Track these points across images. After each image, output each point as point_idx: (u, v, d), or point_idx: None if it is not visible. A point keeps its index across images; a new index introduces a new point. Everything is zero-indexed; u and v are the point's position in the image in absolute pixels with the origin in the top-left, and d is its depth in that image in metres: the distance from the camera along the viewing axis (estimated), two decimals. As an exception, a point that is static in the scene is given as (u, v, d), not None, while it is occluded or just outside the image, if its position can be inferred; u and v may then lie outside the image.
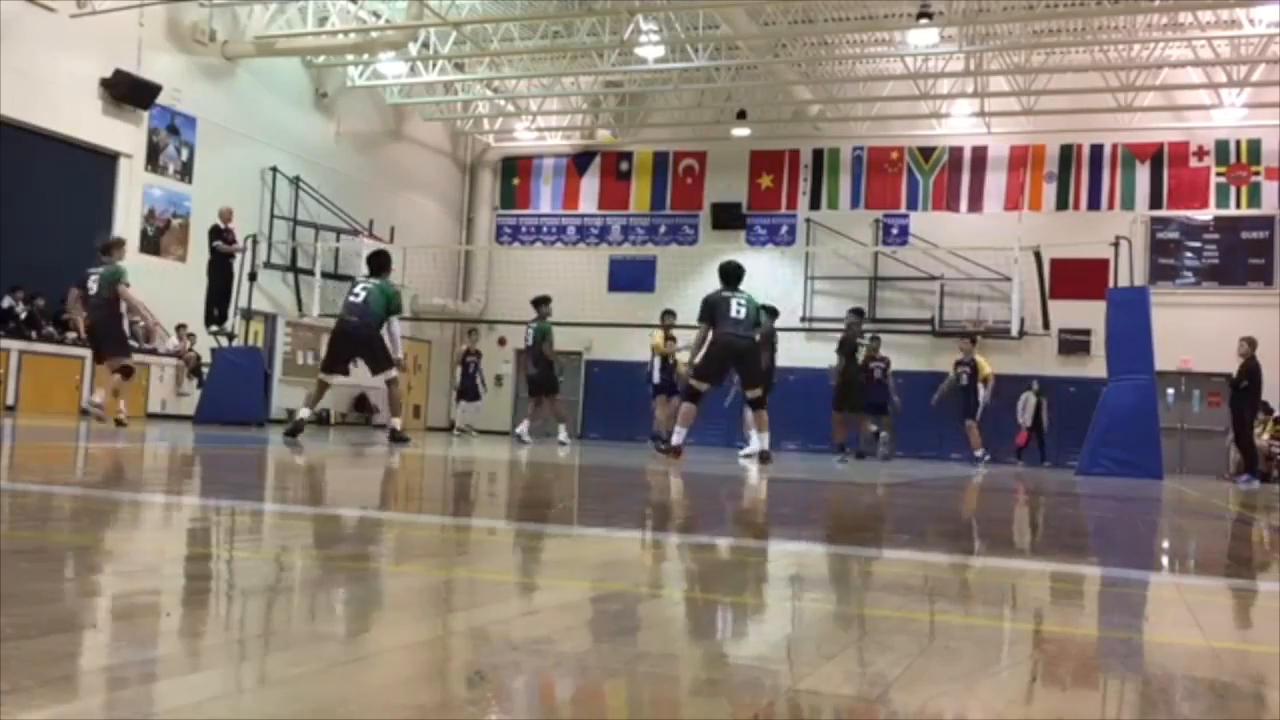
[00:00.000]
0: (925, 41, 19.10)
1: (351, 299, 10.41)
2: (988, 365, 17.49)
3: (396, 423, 10.59)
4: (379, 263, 10.91)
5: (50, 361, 15.34)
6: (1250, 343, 14.45)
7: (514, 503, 4.75)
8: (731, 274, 10.37)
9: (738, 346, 10.00)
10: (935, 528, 4.60)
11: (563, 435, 15.47)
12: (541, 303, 15.34)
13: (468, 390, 19.53)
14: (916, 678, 1.38)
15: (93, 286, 11.05)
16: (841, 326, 16.42)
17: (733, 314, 10.00)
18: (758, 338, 10.50)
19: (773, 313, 15.00)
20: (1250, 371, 14.38)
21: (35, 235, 15.94)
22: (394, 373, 10.42)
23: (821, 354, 22.05)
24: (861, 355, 15.84)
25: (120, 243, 12.08)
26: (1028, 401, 20.82)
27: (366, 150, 23.14)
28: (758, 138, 23.91)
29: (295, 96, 21.20)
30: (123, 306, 11.19)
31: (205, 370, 16.20)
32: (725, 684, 1.30)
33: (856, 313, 16.50)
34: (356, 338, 10.30)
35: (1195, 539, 4.72)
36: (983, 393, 17.00)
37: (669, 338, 15.73)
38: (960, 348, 17.53)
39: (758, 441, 10.91)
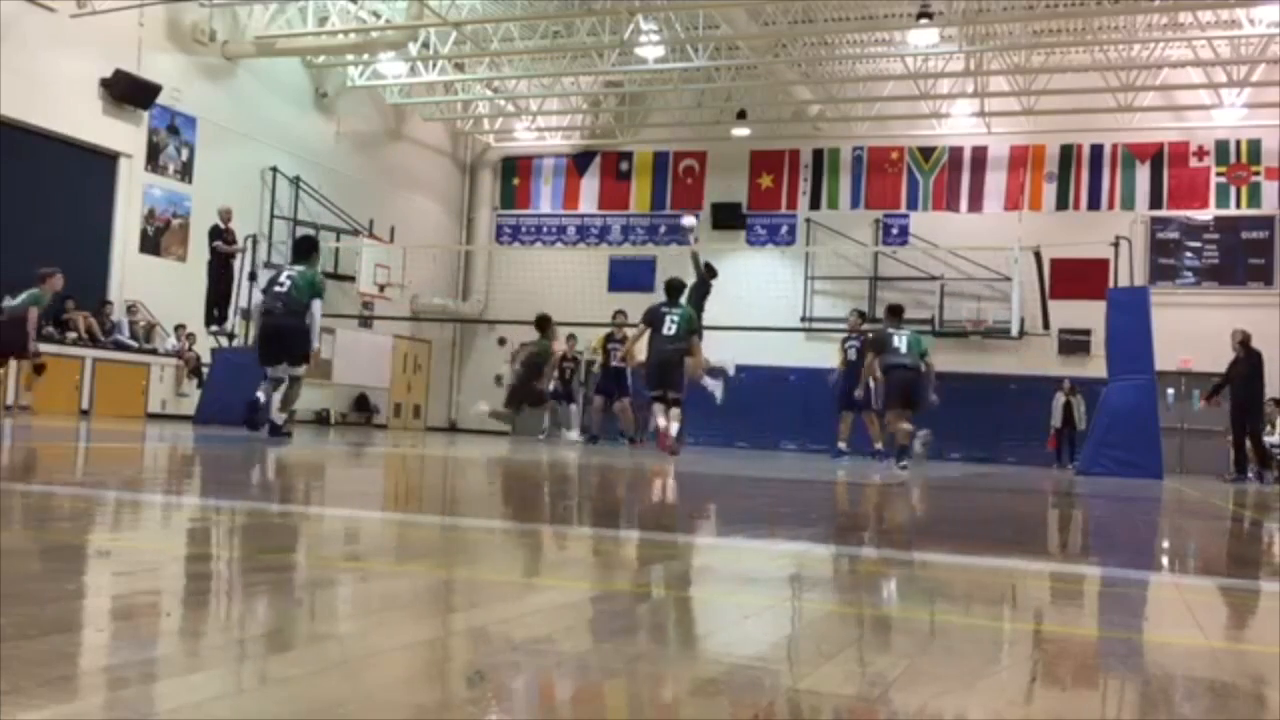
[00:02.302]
0: (925, 41, 19.09)
1: (276, 288, 9.86)
2: None
3: (281, 417, 9.89)
4: (304, 249, 10.55)
5: (50, 362, 15.31)
6: (1242, 335, 14.31)
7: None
8: (672, 289, 11.91)
9: (664, 358, 11.44)
10: (937, 528, 4.61)
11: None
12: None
13: (565, 393, 17.92)
14: (916, 678, 1.38)
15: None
16: (842, 327, 16.32)
17: (665, 330, 11.49)
18: (684, 346, 11.65)
19: (711, 271, 15.35)
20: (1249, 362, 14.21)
21: (35, 235, 15.93)
22: (303, 370, 10.02)
23: (821, 354, 22.12)
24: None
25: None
26: (1057, 402, 20.48)
27: (366, 150, 23.14)
28: (758, 138, 23.91)
29: (295, 96, 21.20)
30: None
31: (205, 370, 16.19)
32: (725, 684, 1.30)
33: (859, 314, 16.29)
34: (282, 329, 9.81)
35: (1195, 539, 4.72)
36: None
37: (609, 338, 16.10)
38: (849, 324, 16.23)
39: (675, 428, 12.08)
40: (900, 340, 11.61)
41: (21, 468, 5.02)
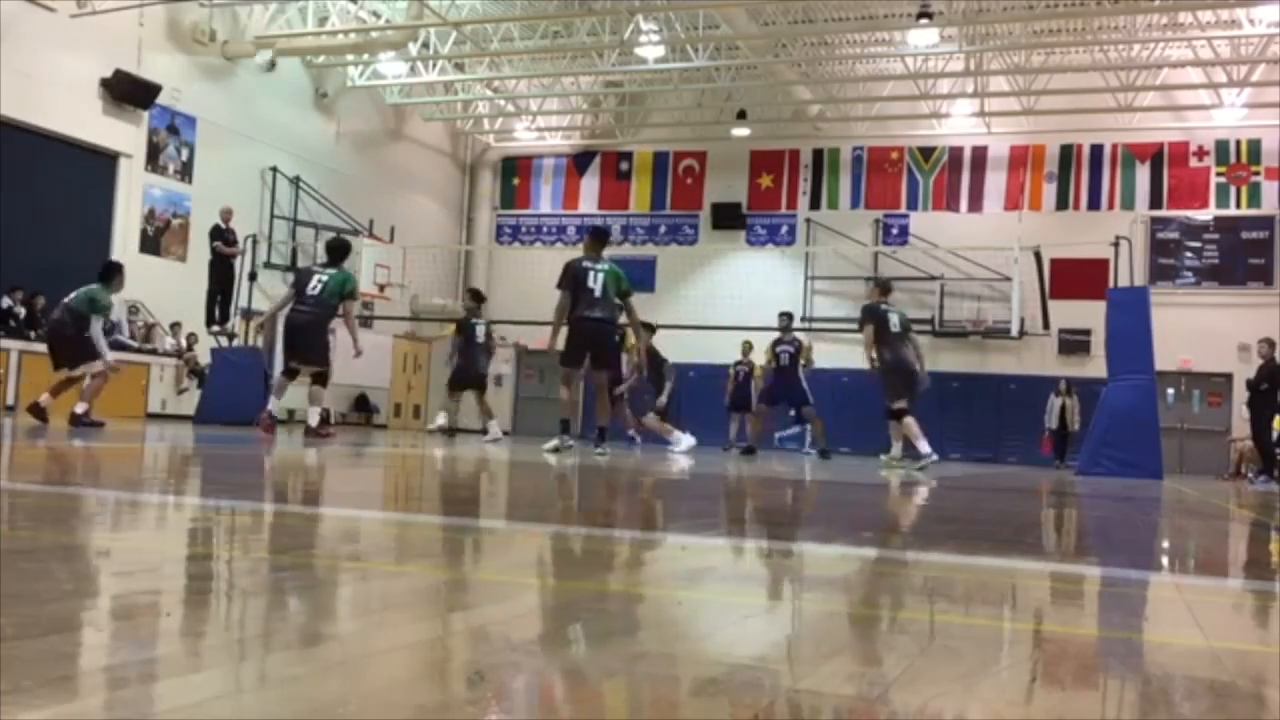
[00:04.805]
0: (925, 41, 19.09)
1: (309, 291, 10.16)
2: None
3: (314, 416, 10.51)
4: (340, 252, 10.75)
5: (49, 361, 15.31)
6: (1270, 344, 14.42)
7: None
8: (600, 236, 9.88)
9: (588, 329, 9.31)
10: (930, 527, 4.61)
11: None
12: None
13: (740, 401, 17.44)
14: (916, 678, 1.38)
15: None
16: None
17: (590, 284, 9.25)
18: (614, 316, 9.63)
19: (790, 317, 15.00)
20: (1271, 374, 14.35)
21: (35, 235, 15.94)
22: (325, 370, 10.48)
23: (823, 354, 22.09)
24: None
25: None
26: (1053, 403, 20.43)
27: (366, 150, 23.14)
28: (758, 138, 23.91)
29: (295, 96, 21.20)
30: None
31: (206, 370, 16.17)
32: (725, 684, 1.30)
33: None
34: (306, 326, 10.18)
35: (1195, 539, 4.72)
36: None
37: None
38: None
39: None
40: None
41: (22, 467, 5.02)
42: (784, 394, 14.80)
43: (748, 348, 17.85)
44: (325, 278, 10.24)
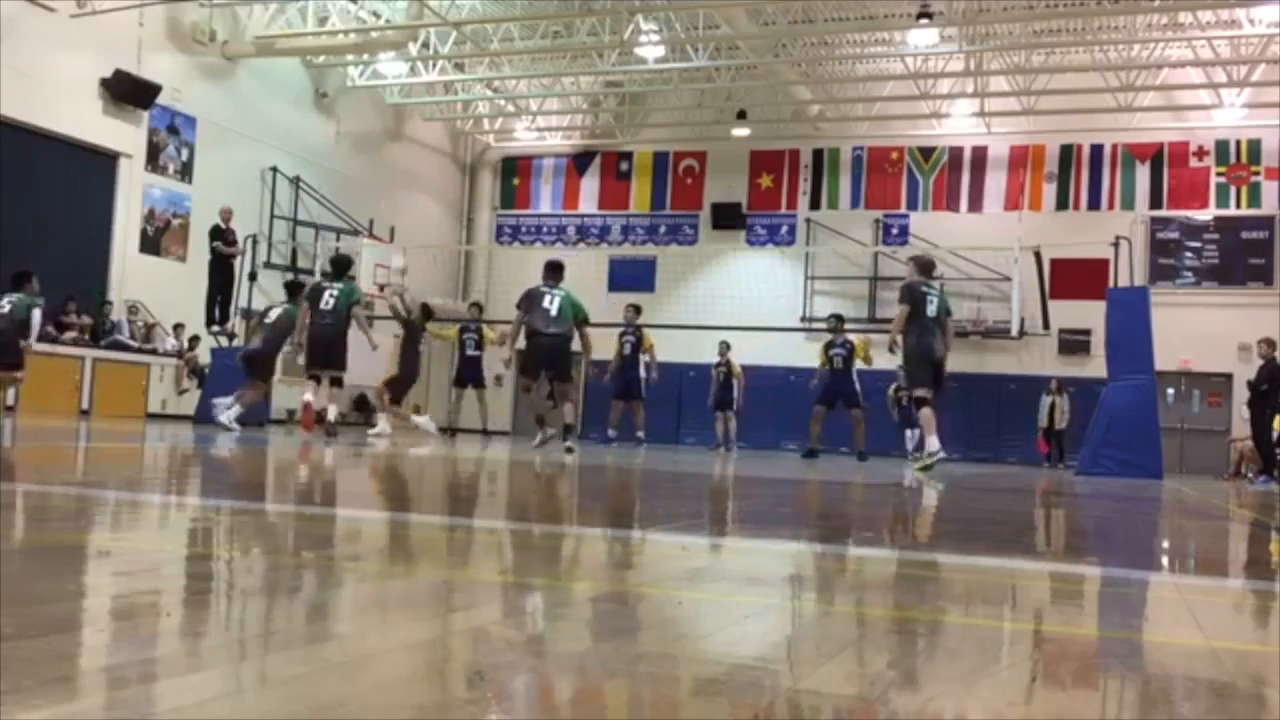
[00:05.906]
0: (925, 41, 19.09)
1: (323, 306, 11.33)
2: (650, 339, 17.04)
3: (333, 412, 11.93)
4: (342, 267, 12.10)
5: (49, 362, 15.29)
6: (1270, 344, 14.42)
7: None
8: (553, 268, 10.75)
9: (544, 345, 10.34)
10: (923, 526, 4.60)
11: None
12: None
13: (724, 400, 18.06)
14: (916, 678, 1.38)
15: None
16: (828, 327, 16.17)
17: (545, 305, 10.31)
18: (566, 331, 10.38)
19: (840, 319, 15.54)
20: (1271, 374, 14.35)
21: (35, 235, 15.93)
22: (341, 374, 11.67)
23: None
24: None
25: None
26: (1044, 402, 20.47)
27: (366, 150, 23.14)
28: (758, 138, 23.90)
29: (295, 96, 21.20)
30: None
31: (206, 371, 16.16)
32: (725, 684, 1.30)
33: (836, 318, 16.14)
34: (329, 340, 11.40)
35: (1195, 539, 4.72)
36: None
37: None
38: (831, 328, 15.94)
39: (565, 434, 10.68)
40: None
41: (22, 467, 5.01)
42: (838, 395, 15.06)
43: (724, 348, 18.00)
44: (335, 292, 11.41)
